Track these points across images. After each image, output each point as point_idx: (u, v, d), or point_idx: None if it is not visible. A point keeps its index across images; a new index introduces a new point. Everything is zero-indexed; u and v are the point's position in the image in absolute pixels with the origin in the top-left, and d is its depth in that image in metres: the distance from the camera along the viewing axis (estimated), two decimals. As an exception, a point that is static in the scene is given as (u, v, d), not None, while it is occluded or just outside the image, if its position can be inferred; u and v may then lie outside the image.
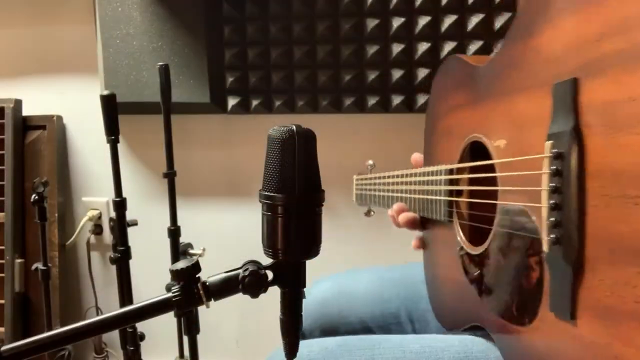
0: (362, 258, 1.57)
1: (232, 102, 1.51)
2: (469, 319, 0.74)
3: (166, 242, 1.35)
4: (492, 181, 0.67)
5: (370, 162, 1.18)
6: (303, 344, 0.75)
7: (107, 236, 1.71)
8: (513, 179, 0.61)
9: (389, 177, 1.01)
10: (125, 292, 1.30)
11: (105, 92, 1.20)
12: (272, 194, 0.47)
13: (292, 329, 0.51)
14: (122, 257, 1.28)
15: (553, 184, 0.52)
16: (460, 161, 0.76)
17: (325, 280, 1.04)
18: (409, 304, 0.95)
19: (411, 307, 0.94)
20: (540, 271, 0.55)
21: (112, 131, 1.21)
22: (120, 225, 1.26)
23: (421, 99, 1.41)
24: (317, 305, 0.97)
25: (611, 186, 0.45)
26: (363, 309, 0.95)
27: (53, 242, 1.65)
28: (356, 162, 1.27)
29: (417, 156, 0.99)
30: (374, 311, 0.95)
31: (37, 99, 1.67)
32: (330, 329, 0.94)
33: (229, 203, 1.66)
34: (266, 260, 0.50)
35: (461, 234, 0.75)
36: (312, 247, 0.49)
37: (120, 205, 1.26)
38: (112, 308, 0.48)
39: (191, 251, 1.40)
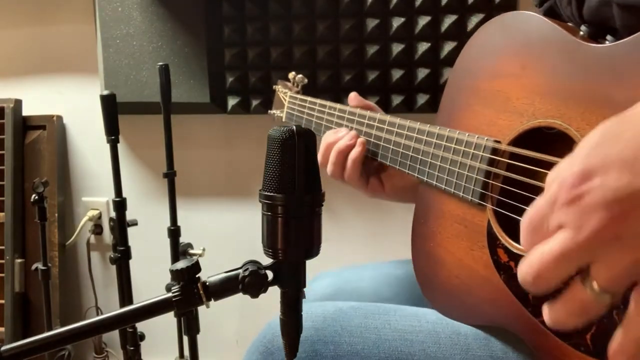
0: (362, 261, 1.57)
1: (232, 102, 1.51)
2: (496, 321, 0.66)
3: (166, 242, 1.35)
4: None
5: (300, 75, 1.02)
6: (317, 305, 0.74)
7: (107, 236, 1.71)
8: None
9: (365, 117, 0.87)
10: (125, 292, 1.30)
11: (105, 92, 1.20)
12: (272, 194, 0.47)
13: (292, 329, 0.51)
14: (122, 257, 1.28)
15: None
16: (515, 141, 0.63)
17: (327, 276, 1.01)
18: (415, 304, 0.93)
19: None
20: None
21: (112, 131, 1.21)
22: (120, 225, 1.26)
23: (421, 99, 1.41)
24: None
25: None
26: None
27: (53, 242, 1.65)
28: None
29: (357, 99, 0.92)
30: None
31: (37, 99, 1.67)
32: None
33: (229, 203, 1.66)
34: (266, 260, 0.50)
35: (498, 225, 0.64)
36: (312, 247, 0.49)
37: (120, 205, 1.26)
38: (112, 308, 0.48)
39: (191, 251, 1.40)
